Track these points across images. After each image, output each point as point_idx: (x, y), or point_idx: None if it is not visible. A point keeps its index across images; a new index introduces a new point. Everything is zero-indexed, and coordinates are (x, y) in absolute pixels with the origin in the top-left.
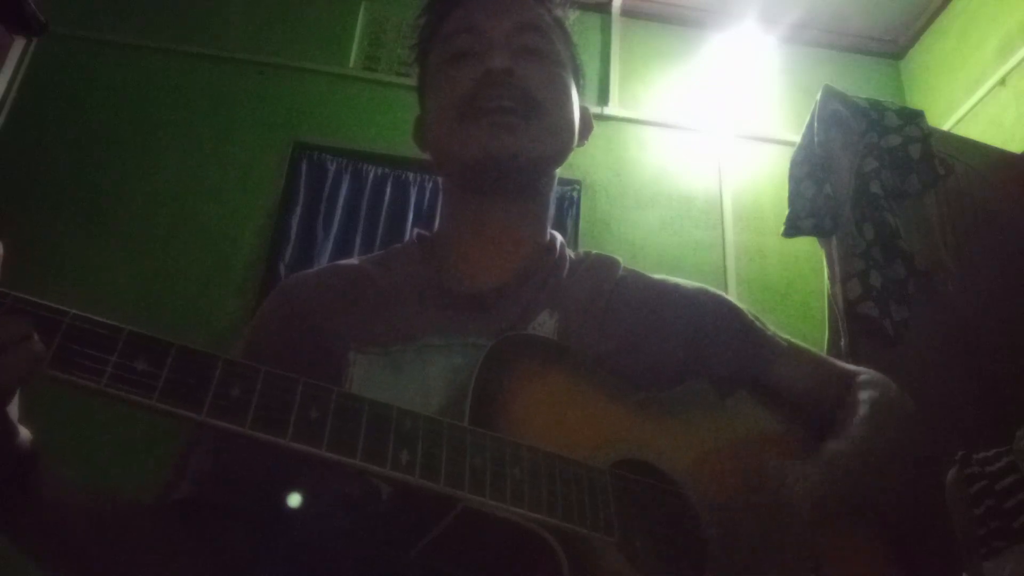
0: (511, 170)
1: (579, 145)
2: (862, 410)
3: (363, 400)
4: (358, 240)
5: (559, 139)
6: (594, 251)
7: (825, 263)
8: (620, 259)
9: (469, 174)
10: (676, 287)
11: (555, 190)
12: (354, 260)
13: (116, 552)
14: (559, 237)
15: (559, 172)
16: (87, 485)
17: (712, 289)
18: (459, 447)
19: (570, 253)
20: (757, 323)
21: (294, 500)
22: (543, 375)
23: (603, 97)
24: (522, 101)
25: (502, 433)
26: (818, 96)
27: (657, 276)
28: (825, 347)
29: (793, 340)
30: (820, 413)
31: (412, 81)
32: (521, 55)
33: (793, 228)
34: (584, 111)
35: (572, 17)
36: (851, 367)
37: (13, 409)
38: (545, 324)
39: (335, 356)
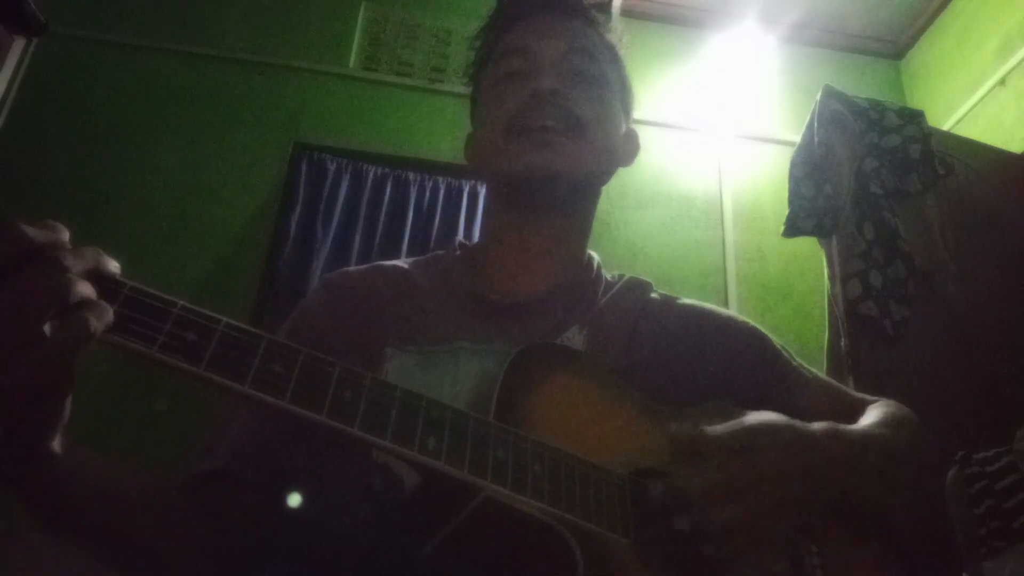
0: (551, 186)
1: (625, 165)
2: (872, 417)
3: (395, 387)
4: (357, 240)
5: (600, 159)
6: (628, 274)
7: (825, 263)
8: (651, 282)
9: (511, 189)
10: (705, 312)
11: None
12: (399, 261)
13: (130, 523)
14: (596, 257)
15: None
16: (105, 457)
17: (741, 317)
18: (484, 439)
19: (606, 274)
20: (784, 353)
21: (317, 488)
22: (567, 383)
23: None
24: (566, 121)
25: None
26: (818, 96)
27: (688, 300)
28: (825, 347)
29: (818, 373)
30: None
31: (410, 82)
32: (569, 77)
33: (793, 228)
34: (632, 133)
35: (625, 39)
36: (871, 398)
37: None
38: (574, 339)
39: (372, 350)
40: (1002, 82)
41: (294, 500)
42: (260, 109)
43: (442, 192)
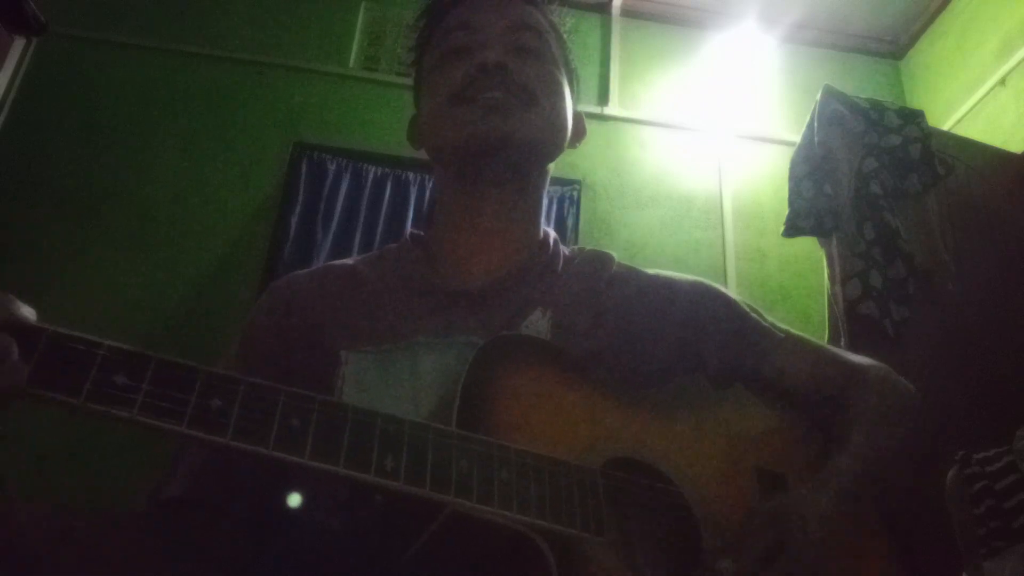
0: (502, 152)
1: (571, 147)
2: (867, 416)
3: (347, 407)
4: (357, 240)
5: (551, 131)
6: (588, 247)
7: (825, 263)
8: (614, 254)
9: (462, 158)
10: (670, 281)
11: (550, 189)
12: (348, 260)
13: (90, 566)
14: (552, 234)
15: (559, 172)
16: (50, 503)
17: (707, 281)
18: (445, 451)
19: (564, 250)
20: (753, 314)
21: (286, 502)
22: (533, 376)
23: (603, 97)
24: (516, 92)
25: (491, 436)
26: (818, 96)
27: (651, 271)
28: None
29: (791, 330)
30: (820, 403)
31: (410, 82)
32: (516, 52)
33: (793, 228)
34: (578, 116)
35: (568, 23)
36: (851, 357)
37: None
38: (538, 322)
39: (328, 354)
40: (1002, 82)
41: (261, 517)
42: (260, 109)
43: None
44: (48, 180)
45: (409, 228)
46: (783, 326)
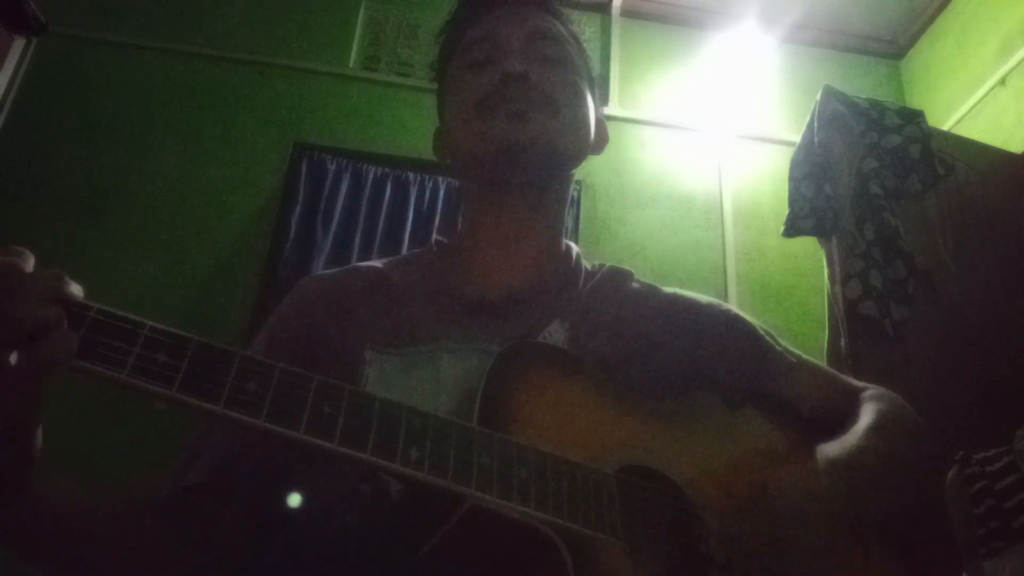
0: (525, 158)
1: (595, 153)
2: (866, 421)
3: (374, 398)
4: (357, 240)
5: (574, 138)
6: (608, 263)
7: (825, 263)
8: (632, 271)
9: (485, 165)
10: (687, 300)
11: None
12: (375, 262)
13: (112, 549)
14: (575, 248)
15: None
16: (77, 483)
17: (724, 304)
18: (467, 446)
19: (585, 264)
20: (767, 338)
21: (303, 495)
22: (551, 381)
23: (603, 97)
24: (538, 100)
25: (509, 437)
26: (818, 96)
27: (669, 289)
28: (825, 347)
29: (803, 356)
30: (827, 428)
31: (410, 82)
32: (538, 61)
33: (793, 228)
34: (600, 122)
35: (586, 32)
36: (859, 383)
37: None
38: (556, 333)
39: (351, 354)
40: (1002, 82)
41: (280, 508)
42: (260, 109)
43: (442, 192)
44: (48, 180)
45: (409, 228)
46: (794, 350)
